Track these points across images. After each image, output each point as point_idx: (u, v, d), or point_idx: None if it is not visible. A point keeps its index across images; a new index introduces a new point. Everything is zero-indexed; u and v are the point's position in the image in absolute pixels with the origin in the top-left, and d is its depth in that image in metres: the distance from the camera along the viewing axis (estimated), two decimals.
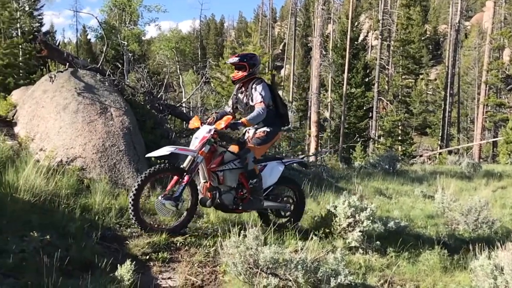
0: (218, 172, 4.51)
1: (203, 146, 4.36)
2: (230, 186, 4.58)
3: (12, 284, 2.72)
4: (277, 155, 11.49)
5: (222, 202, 4.53)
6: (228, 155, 4.61)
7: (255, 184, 4.64)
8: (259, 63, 4.95)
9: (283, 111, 4.98)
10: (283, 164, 5.06)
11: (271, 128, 4.84)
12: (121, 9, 26.60)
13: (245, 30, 56.09)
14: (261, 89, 4.68)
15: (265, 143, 4.86)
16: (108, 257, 3.53)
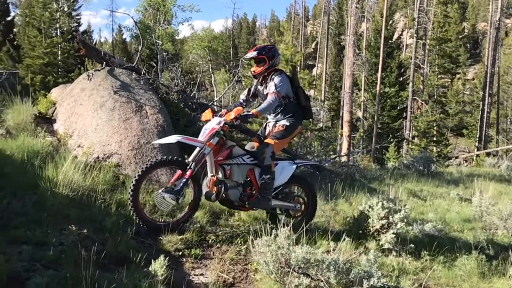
0: (225, 166, 4.40)
1: (212, 137, 4.26)
2: (237, 182, 4.46)
3: (52, 276, 2.81)
4: (308, 155, 11.43)
5: (228, 197, 4.42)
6: (237, 150, 4.49)
7: (267, 181, 4.50)
8: (279, 54, 4.83)
9: (305, 103, 4.86)
10: (295, 165, 4.90)
11: (291, 121, 4.74)
12: (155, 8, 27.08)
13: (277, 28, 56.06)
14: (279, 80, 4.58)
15: (284, 137, 4.74)
16: (142, 252, 3.59)
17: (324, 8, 42.33)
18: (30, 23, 24.82)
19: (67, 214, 3.93)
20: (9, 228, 3.39)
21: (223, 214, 5.11)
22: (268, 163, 4.50)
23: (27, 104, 7.04)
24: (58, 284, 2.76)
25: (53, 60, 21.21)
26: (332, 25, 45.12)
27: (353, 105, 21.07)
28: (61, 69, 21.29)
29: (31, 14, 24.68)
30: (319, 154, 11.87)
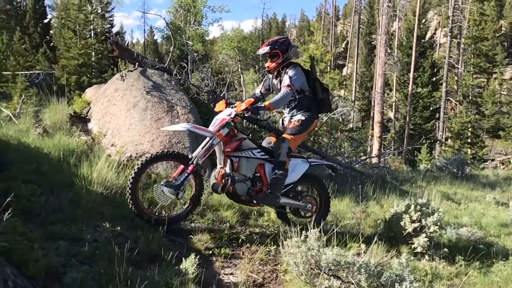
0: (233, 158, 4.27)
1: (222, 128, 4.16)
2: (245, 176, 4.34)
3: (87, 271, 2.88)
4: (338, 156, 11.31)
5: (235, 191, 4.31)
6: (248, 143, 4.37)
7: (279, 176, 4.37)
8: (292, 46, 4.66)
9: (323, 96, 4.72)
10: (308, 163, 4.74)
11: (307, 115, 4.63)
12: (186, 9, 27.43)
13: (307, 28, 55.69)
14: (293, 73, 4.46)
15: (301, 132, 4.63)
16: (173, 250, 3.64)
17: (355, 7, 41.79)
18: (66, 25, 25.58)
19: (101, 211, 4.03)
20: (47, 224, 3.49)
21: (252, 214, 5.12)
22: (283, 159, 4.40)
23: (63, 104, 7.26)
24: (93, 280, 2.83)
25: (88, 61, 21.76)
26: (363, 24, 44.54)
27: (384, 106, 20.72)
28: (95, 70, 21.84)
29: (66, 16, 25.44)
30: (349, 155, 11.73)
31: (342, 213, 5.98)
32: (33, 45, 29.01)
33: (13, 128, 5.66)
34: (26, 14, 34.86)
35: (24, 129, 5.88)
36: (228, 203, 5.13)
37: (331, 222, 5.27)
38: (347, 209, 6.22)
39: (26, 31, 31.13)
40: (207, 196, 5.16)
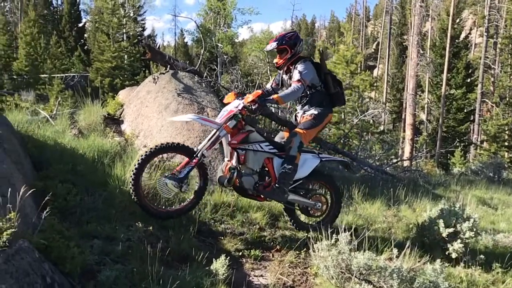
0: (239, 150, 4.15)
1: (229, 120, 4.05)
2: (252, 169, 4.22)
3: (120, 270, 2.94)
4: (368, 158, 11.14)
5: (242, 185, 4.19)
6: (256, 136, 4.24)
7: (287, 171, 4.23)
8: (301, 40, 4.53)
9: (335, 90, 4.58)
10: (319, 159, 4.58)
11: (320, 110, 4.49)
12: (216, 12, 27.68)
13: (337, 29, 55.23)
14: (303, 68, 4.33)
15: (313, 127, 4.48)
16: (204, 250, 3.67)
17: (386, 8, 41.17)
18: (99, 29, 26.31)
19: (133, 211, 4.10)
20: (82, 223, 3.59)
21: (282, 216, 5.10)
22: (294, 153, 4.26)
23: (97, 106, 7.45)
24: (126, 278, 2.89)
25: (120, 63, 22.30)
26: (394, 25, 43.78)
27: (416, 108, 20.31)
28: (127, 72, 22.33)
29: (100, 20, 26.17)
30: (380, 158, 11.54)
31: (373, 217, 5.88)
32: (68, 48, 29.94)
33: (50, 129, 5.84)
34: (62, 19, 36.01)
35: (61, 130, 6.07)
36: (257, 204, 5.14)
37: (362, 225, 5.19)
38: (378, 213, 6.12)
39: (62, 35, 32.17)
40: (236, 197, 5.18)
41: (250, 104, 4.05)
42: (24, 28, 22.24)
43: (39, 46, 21.33)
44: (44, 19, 33.12)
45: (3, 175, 3.00)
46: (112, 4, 23.60)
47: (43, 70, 20.20)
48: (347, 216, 5.56)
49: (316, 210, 4.69)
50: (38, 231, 2.77)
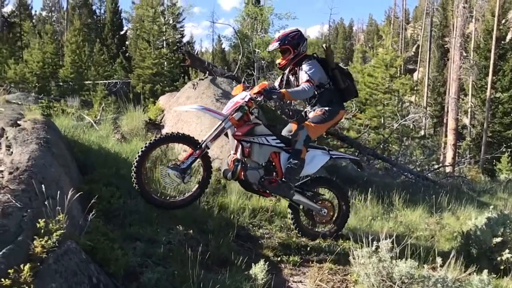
0: (244, 143, 4.01)
1: (235, 111, 3.95)
2: (257, 163, 4.08)
3: (161, 272, 3.00)
4: (409, 164, 10.87)
5: (246, 179, 4.06)
6: (262, 128, 4.09)
7: (293, 166, 4.07)
8: (304, 39, 4.36)
9: (345, 85, 4.38)
10: (329, 156, 4.38)
11: (331, 107, 4.32)
12: (253, 18, 27.85)
13: (375, 32, 54.35)
14: (309, 67, 4.16)
15: (323, 122, 4.29)
16: (243, 255, 3.68)
17: (426, 10, 40.16)
18: (140, 36, 27.07)
19: (174, 214, 4.17)
20: (125, 225, 3.69)
21: None
22: (299, 147, 4.09)
23: (138, 111, 7.66)
24: (167, 281, 2.94)
25: (161, 70, 22.85)
26: (435, 27, 42.62)
27: (459, 112, 19.66)
28: (167, 78, 22.85)
29: (141, 28, 26.93)
30: (421, 164, 11.23)
31: (414, 224, 5.74)
32: (111, 55, 30.99)
33: (94, 134, 6.04)
34: (105, 27, 37.39)
35: (104, 135, 6.27)
36: None
37: (404, 233, 5.07)
38: (420, 220, 5.96)
39: (105, 42, 33.37)
40: (274, 202, 5.19)
41: (256, 95, 3.96)
42: (70, 37, 23.21)
43: (83, 53, 22.20)
44: (88, 28, 34.47)
45: (52, 179, 3.12)
46: (152, 12, 24.25)
47: (87, 77, 21.01)
48: (387, 222, 5.45)
49: (320, 216, 4.50)
50: (85, 232, 2.87)
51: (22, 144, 3.43)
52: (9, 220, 2.29)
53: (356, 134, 12.96)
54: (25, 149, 3.29)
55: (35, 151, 3.26)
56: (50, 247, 2.27)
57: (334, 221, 4.60)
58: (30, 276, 1.99)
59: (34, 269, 2.06)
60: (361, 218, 5.50)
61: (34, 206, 2.57)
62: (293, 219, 4.54)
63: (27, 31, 32.45)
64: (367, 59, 33.91)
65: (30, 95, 11.15)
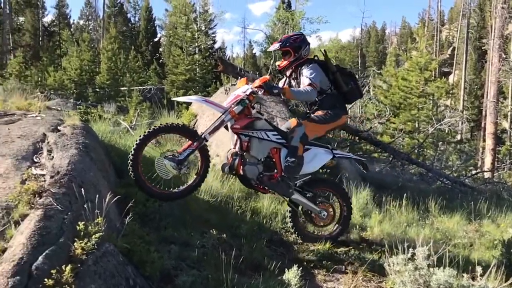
0: (242, 136, 3.90)
1: (235, 105, 3.85)
2: (256, 158, 3.95)
3: (196, 275, 3.03)
4: (445, 169, 10.58)
5: (245, 174, 3.94)
6: (262, 123, 3.98)
7: (290, 164, 3.93)
8: (307, 44, 4.24)
9: (347, 87, 4.24)
10: (332, 154, 4.24)
11: (334, 110, 4.17)
12: (284, 23, 27.88)
13: (409, 35, 53.34)
14: (310, 72, 4.04)
15: (322, 122, 4.14)
16: (276, 260, 3.67)
17: (462, 11, 39.13)
18: (173, 43, 27.57)
19: (207, 218, 4.22)
20: (160, 228, 3.76)
21: (354, 228, 4.98)
22: (295, 144, 3.96)
23: (172, 117, 7.79)
24: (201, 284, 2.97)
25: (193, 76, 23.20)
26: (472, 29, 41.38)
27: (498, 116, 19.00)
28: (200, 84, 23.16)
29: (174, 35, 27.44)
30: (458, 169, 10.90)
31: (452, 231, 5.57)
32: (145, 62, 31.68)
33: (130, 139, 6.17)
34: (139, 34, 38.29)
35: None
36: None
37: (441, 240, 4.93)
38: (457, 227, 5.78)
39: (139, 49, 34.16)
40: None
41: (257, 89, 3.87)
42: (106, 44, 23.91)
43: (119, 61, 22.82)
44: (123, 35, 35.39)
45: (91, 182, 3.22)
46: (185, 19, 24.67)
47: (123, 83, 21.56)
48: (423, 229, 5.31)
49: (320, 218, 4.35)
50: (122, 235, 2.94)
51: (62, 149, 3.55)
52: (51, 222, 2.37)
53: (390, 138, 12.72)
54: (65, 154, 3.40)
55: (74, 156, 3.37)
56: (90, 249, 2.34)
57: (336, 224, 4.46)
58: (71, 276, 2.05)
59: (74, 270, 2.12)
60: (395, 224, 5.39)
61: (74, 209, 2.66)
62: (292, 222, 4.39)
63: (66, 40, 33.62)
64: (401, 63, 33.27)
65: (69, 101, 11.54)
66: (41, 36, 36.38)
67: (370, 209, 5.86)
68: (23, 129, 4.30)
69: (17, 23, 36.94)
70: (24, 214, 2.42)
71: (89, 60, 23.53)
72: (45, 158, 3.42)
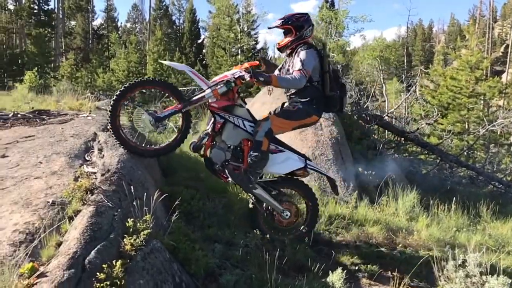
0: (217, 117, 3.72)
1: (220, 85, 3.67)
2: (226, 143, 3.78)
3: (240, 275, 3.05)
4: (497, 173, 10.10)
5: (210, 157, 3.78)
6: (243, 111, 3.81)
7: (253, 159, 3.71)
8: (310, 25, 3.98)
9: (331, 93, 3.94)
10: (304, 164, 3.99)
11: (306, 106, 3.88)
12: (327, 22, 27.58)
13: (458, 33, 51.41)
14: (305, 56, 3.77)
15: (290, 118, 3.88)
16: (319, 262, 3.62)
17: None
18: (217, 44, 27.93)
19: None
20: (204, 227, 3.81)
21: (400, 232, 4.85)
22: (259, 139, 3.72)
23: None
24: (245, 284, 2.98)
25: None
26: None
27: None
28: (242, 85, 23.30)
29: (218, 36, 27.80)
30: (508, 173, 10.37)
31: (506, 238, 5.31)
32: (189, 63, 32.27)
33: None
34: (183, 36, 39.08)
35: None
36: (373, 218, 4.96)
37: (493, 246, 4.71)
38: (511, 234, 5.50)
39: (184, 51, 34.87)
40: (351, 210, 5.07)
41: (244, 72, 3.71)
42: (152, 46, 24.60)
43: None
44: (168, 37, 36.25)
45: (139, 180, 3.31)
46: (229, 21, 24.92)
47: None
48: (474, 235, 5.09)
49: (281, 219, 4.06)
50: (168, 233, 3.00)
51: (112, 148, 3.68)
52: (102, 218, 2.46)
53: (437, 140, 12.29)
54: (114, 153, 3.52)
55: (123, 154, 3.48)
56: (138, 246, 2.40)
57: (296, 228, 4.17)
58: (121, 271, 2.11)
59: (124, 265, 2.18)
60: (444, 229, 5.19)
61: (124, 206, 2.74)
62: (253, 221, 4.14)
63: (114, 42, 34.87)
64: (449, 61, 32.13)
65: None
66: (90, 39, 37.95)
67: (417, 213, 5.68)
68: (75, 128, 4.49)
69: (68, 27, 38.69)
70: (77, 210, 2.53)
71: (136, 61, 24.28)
72: (96, 157, 3.56)
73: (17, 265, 2.00)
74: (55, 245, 2.22)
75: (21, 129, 4.61)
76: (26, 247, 2.16)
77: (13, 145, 3.88)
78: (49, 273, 1.96)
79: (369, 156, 7.18)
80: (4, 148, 3.79)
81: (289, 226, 4.13)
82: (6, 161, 3.41)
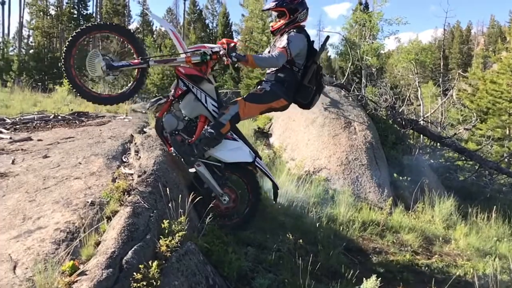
0: (181, 82, 3.58)
1: (194, 53, 3.50)
2: (181, 112, 3.64)
3: (272, 279, 3.04)
4: None
5: (162, 121, 3.65)
6: (211, 88, 3.67)
7: (206, 135, 3.52)
8: (305, 8, 3.77)
9: (309, 85, 3.74)
10: (252, 160, 3.77)
11: (275, 88, 3.69)
12: (361, 24, 27.22)
13: (498, 35, 49.71)
14: (293, 37, 3.60)
15: (257, 102, 3.68)
16: (353, 268, 3.57)
17: None
18: (249, 47, 28.06)
19: (283, 222, 4.22)
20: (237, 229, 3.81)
21: (437, 241, 4.72)
22: (223, 121, 3.55)
23: (248, 120, 7.91)
24: None
25: None
26: None
27: None
28: None
29: (250, 39, 27.94)
30: None
31: None
32: (221, 66, 32.46)
33: None
34: (216, 40, 39.40)
35: None
36: (409, 225, 4.85)
37: None
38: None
39: None
40: (386, 216, 4.97)
41: (220, 46, 3.57)
42: None
43: None
44: (202, 41, 36.69)
45: (174, 182, 3.36)
46: (261, 24, 25.00)
47: None
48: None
49: (219, 203, 3.77)
50: (201, 235, 3.03)
51: (148, 150, 3.75)
52: (139, 219, 2.50)
53: (476, 146, 11.90)
54: (151, 154, 3.59)
55: (159, 156, 3.54)
56: (174, 247, 2.43)
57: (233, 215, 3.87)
58: (157, 272, 2.14)
59: (160, 266, 2.21)
60: (484, 238, 5.01)
61: (159, 208, 2.78)
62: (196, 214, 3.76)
63: (149, 46, 35.51)
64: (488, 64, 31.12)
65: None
66: None
67: (454, 221, 5.52)
68: (113, 130, 4.60)
69: None
70: (115, 210, 2.59)
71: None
72: (133, 158, 3.63)
73: (59, 262, 2.07)
74: (94, 244, 2.27)
75: (61, 131, 4.77)
76: (67, 246, 2.22)
77: (54, 146, 4.01)
78: (89, 271, 2.01)
79: (404, 162, 7.03)
80: (46, 149, 3.94)
81: (226, 212, 3.83)
82: (48, 162, 3.53)
